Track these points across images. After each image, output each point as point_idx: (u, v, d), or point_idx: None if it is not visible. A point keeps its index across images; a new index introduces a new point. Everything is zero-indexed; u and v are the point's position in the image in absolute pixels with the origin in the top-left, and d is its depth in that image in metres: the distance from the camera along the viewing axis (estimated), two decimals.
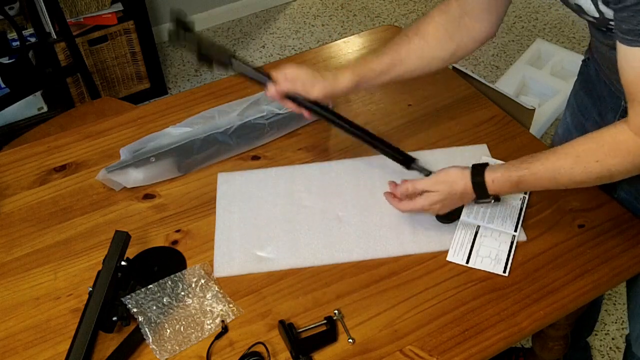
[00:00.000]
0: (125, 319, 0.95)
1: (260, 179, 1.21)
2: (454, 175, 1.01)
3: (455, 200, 1.02)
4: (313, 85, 1.08)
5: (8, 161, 1.27)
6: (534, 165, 0.95)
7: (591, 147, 0.91)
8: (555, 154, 0.94)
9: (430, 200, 1.02)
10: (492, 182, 0.98)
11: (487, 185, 0.98)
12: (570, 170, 0.92)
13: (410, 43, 1.10)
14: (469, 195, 1.01)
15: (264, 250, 1.08)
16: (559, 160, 0.93)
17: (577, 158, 0.91)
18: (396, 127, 1.31)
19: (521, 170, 0.96)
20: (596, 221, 1.11)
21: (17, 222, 1.15)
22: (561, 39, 2.95)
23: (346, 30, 3.07)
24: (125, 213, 1.16)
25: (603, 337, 1.84)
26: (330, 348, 0.94)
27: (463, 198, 1.02)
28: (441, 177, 1.02)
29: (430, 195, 1.02)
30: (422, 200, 1.02)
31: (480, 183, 0.99)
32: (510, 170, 0.97)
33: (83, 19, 2.37)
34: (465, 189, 1.00)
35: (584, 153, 0.91)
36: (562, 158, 0.93)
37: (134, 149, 1.20)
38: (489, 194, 0.99)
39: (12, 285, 1.04)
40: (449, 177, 1.01)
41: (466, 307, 0.99)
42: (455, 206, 1.06)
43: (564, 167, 0.92)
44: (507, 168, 0.97)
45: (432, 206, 1.02)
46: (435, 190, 1.01)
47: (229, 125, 1.23)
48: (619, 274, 1.03)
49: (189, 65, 2.90)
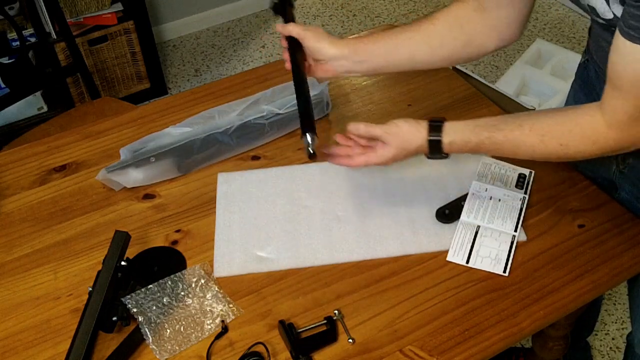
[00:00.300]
0: (125, 319, 0.95)
1: (260, 179, 1.21)
2: (408, 133, 0.99)
3: (408, 155, 1.01)
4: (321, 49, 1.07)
5: (8, 161, 1.27)
6: (496, 135, 0.94)
7: (558, 129, 0.90)
8: (520, 129, 0.93)
9: (384, 158, 1.00)
10: (449, 144, 0.97)
11: (444, 146, 0.97)
12: (532, 147, 0.92)
13: (419, 27, 1.08)
14: (422, 151, 1.00)
15: (264, 250, 1.08)
16: (522, 136, 0.93)
17: (542, 138, 0.91)
18: None
19: (481, 137, 0.95)
20: (596, 221, 1.11)
21: (17, 222, 1.15)
22: (561, 39, 2.95)
23: (346, 30, 3.07)
24: (125, 213, 1.16)
25: (603, 337, 1.84)
26: (330, 348, 0.94)
27: (416, 153, 1.01)
28: (393, 130, 0.99)
29: (384, 152, 1.00)
30: (375, 157, 1.01)
31: (436, 142, 0.97)
32: (470, 136, 0.96)
33: (83, 19, 2.37)
34: (420, 146, 0.99)
35: (550, 135, 0.91)
36: (527, 135, 0.92)
37: (134, 149, 1.20)
38: (443, 152, 0.99)
39: (12, 285, 1.04)
40: (404, 134, 0.99)
41: (466, 307, 0.99)
42: (406, 158, 1.03)
43: (527, 143, 0.92)
44: (467, 132, 0.96)
45: (385, 161, 1.01)
46: (389, 143, 0.99)
47: (229, 125, 1.23)
48: (619, 274, 1.03)
49: (189, 65, 2.90)
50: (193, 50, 2.99)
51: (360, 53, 1.08)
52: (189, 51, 2.99)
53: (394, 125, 1.00)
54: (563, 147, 0.90)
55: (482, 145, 0.96)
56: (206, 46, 3.02)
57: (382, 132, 1.00)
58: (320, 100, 1.30)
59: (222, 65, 2.90)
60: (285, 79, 1.42)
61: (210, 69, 2.88)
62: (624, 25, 0.79)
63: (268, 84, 1.40)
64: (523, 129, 0.93)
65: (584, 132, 0.89)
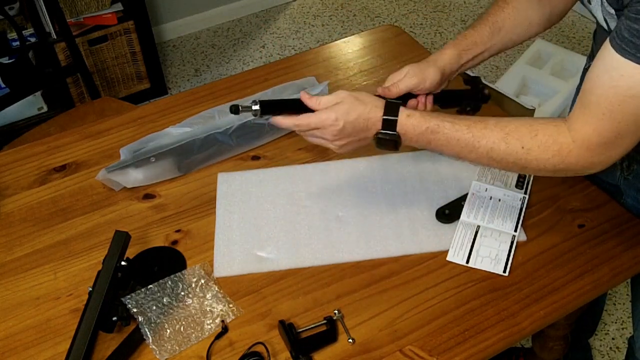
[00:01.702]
0: (125, 319, 0.95)
1: (260, 179, 1.21)
2: (363, 94, 0.95)
3: (355, 128, 0.95)
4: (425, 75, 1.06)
5: (8, 161, 1.27)
6: (458, 123, 0.92)
7: (524, 131, 0.89)
8: (484, 122, 0.91)
9: (326, 120, 0.94)
10: (407, 116, 0.93)
11: (400, 118, 0.93)
12: (493, 144, 0.90)
13: (503, 11, 1.09)
14: (371, 127, 0.95)
15: (264, 250, 1.08)
16: (486, 130, 0.91)
17: (506, 135, 0.89)
18: None
19: (443, 121, 0.93)
20: (596, 221, 1.11)
21: (17, 222, 1.15)
22: (561, 39, 2.95)
23: (346, 30, 3.07)
24: (125, 213, 1.16)
25: (603, 337, 1.84)
26: (330, 348, 0.94)
27: (367, 123, 0.95)
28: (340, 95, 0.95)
29: (323, 115, 0.94)
30: (314, 118, 0.95)
31: (394, 105, 0.94)
32: (430, 115, 0.94)
33: (83, 19, 2.37)
34: (368, 119, 0.94)
35: (514, 133, 0.89)
36: (491, 129, 0.90)
37: (134, 149, 1.20)
38: (396, 130, 0.94)
39: (12, 285, 1.04)
40: (359, 94, 0.95)
41: (466, 307, 0.99)
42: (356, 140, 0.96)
43: (489, 138, 0.90)
44: (426, 114, 0.94)
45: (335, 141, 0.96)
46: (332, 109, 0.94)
47: (229, 125, 1.23)
48: (619, 274, 1.03)
49: (189, 65, 2.90)
50: (193, 50, 2.99)
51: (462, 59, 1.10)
52: (189, 51, 2.99)
53: (342, 92, 0.96)
54: (524, 151, 0.88)
55: (441, 129, 0.92)
56: (206, 46, 3.02)
57: (337, 93, 0.95)
58: None
59: (222, 65, 2.90)
60: (285, 79, 1.42)
61: (210, 69, 2.88)
62: (617, 36, 0.78)
63: (268, 84, 1.41)
64: (487, 122, 0.91)
65: (547, 140, 0.87)
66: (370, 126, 0.95)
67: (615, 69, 0.78)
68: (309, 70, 1.46)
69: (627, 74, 0.77)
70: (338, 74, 1.46)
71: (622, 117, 0.80)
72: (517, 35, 1.11)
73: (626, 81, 0.77)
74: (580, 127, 0.84)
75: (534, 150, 0.88)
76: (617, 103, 0.79)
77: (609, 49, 0.79)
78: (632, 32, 0.75)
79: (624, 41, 0.76)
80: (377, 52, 1.53)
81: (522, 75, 2.50)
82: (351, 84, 1.42)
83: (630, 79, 0.77)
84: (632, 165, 1.09)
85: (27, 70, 2.26)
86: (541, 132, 0.88)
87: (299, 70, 1.46)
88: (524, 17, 1.10)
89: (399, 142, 0.96)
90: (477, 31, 1.10)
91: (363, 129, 0.96)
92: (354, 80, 1.44)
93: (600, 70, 0.81)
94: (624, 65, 0.76)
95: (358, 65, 1.48)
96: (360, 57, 1.51)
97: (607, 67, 0.79)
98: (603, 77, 0.80)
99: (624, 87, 0.77)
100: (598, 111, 0.81)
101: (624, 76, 0.77)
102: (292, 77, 1.41)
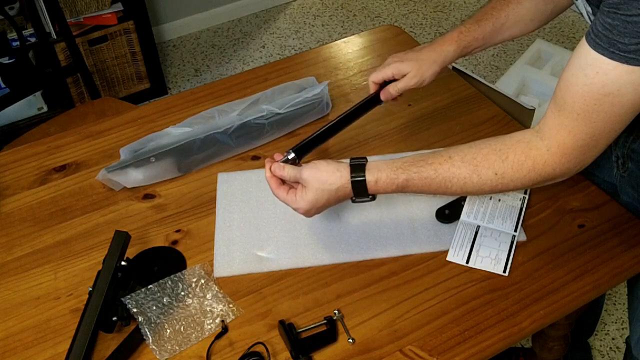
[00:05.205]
0: (125, 319, 0.95)
1: (260, 179, 1.20)
2: (326, 173, 0.92)
3: (331, 198, 0.94)
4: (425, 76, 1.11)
5: (8, 161, 1.27)
6: (425, 170, 0.90)
7: (492, 158, 0.86)
8: (450, 161, 0.89)
9: (304, 201, 0.94)
10: (374, 182, 0.91)
11: (369, 185, 0.92)
12: (465, 180, 0.88)
13: (508, 6, 1.10)
14: (346, 193, 0.94)
15: (264, 250, 1.08)
16: (454, 168, 0.88)
17: (476, 168, 0.87)
18: (396, 127, 1.31)
19: (409, 173, 0.90)
20: (596, 221, 1.11)
21: (17, 222, 1.15)
22: (561, 39, 2.95)
23: (346, 30, 3.07)
24: (125, 213, 1.16)
25: (603, 337, 1.84)
26: (330, 348, 0.94)
27: (340, 196, 0.94)
28: (311, 172, 0.93)
29: (303, 195, 0.94)
30: (294, 200, 0.95)
31: (360, 182, 0.92)
32: (396, 172, 0.91)
33: (83, 19, 2.37)
34: (342, 187, 0.92)
35: (483, 164, 0.87)
36: (458, 166, 0.88)
37: (134, 149, 1.20)
38: (368, 194, 0.93)
39: (12, 285, 1.04)
40: (321, 174, 0.93)
41: (466, 307, 0.99)
42: (332, 203, 0.95)
43: (459, 175, 0.88)
44: (393, 169, 0.91)
45: (304, 205, 0.94)
46: (307, 185, 0.93)
47: (229, 125, 1.23)
48: (619, 274, 1.03)
49: (189, 65, 2.90)
50: (193, 50, 2.99)
51: (463, 54, 1.13)
52: (189, 51, 2.99)
53: (313, 166, 0.94)
54: (498, 177, 0.86)
55: (411, 181, 0.90)
56: (206, 46, 3.02)
57: (299, 175, 0.94)
58: (320, 100, 1.30)
59: (222, 65, 2.90)
60: (285, 79, 1.42)
61: (210, 69, 2.88)
62: (592, 31, 0.76)
63: (268, 84, 1.41)
64: (453, 160, 0.88)
65: (519, 158, 0.85)
66: (343, 197, 0.95)
67: (590, 66, 0.76)
68: (309, 70, 1.46)
69: (601, 71, 0.75)
70: (338, 74, 1.46)
71: (598, 117, 0.78)
72: (519, 30, 1.12)
73: (601, 78, 0.75)
74: (555, 132, 0.82)
75: (508, 173, 0.86)
76: (592, 102, 0.77)
77: (584, 46, 0.77)
78: (605, 26, 0.73)
79: (598, 35, 0.75)
80: (377, 52, 1.53)
81: (522, 75, 2.50)
82: (351, 84, 1.42)
83: (604, 77, 0.75)
84: (627, 163, 1.09)
85: (27, 70, 2.26)
86: (511, 152, 0.86)
87: (299, 70, 1.47)
88: (526, 13, 1.10)
89: (375, 197, 0.96)
90: (481, 27, 1.10)
91: (337, 201, 0.96)
92: (354, 80, 1.44)
93: (575, 68, 0.79)
94: (598, 61, 0.75)
95: (358, 65, 1.48)
96: (360, 57, 1.51)
97: (582, 65, 0.77)
98: (578, 75, 0.78)
99: (599, 84, 0.76)
100: (573, 112, 0.79)
101: (598, 73, 0.75)
102: (292, 77, 1.41)
